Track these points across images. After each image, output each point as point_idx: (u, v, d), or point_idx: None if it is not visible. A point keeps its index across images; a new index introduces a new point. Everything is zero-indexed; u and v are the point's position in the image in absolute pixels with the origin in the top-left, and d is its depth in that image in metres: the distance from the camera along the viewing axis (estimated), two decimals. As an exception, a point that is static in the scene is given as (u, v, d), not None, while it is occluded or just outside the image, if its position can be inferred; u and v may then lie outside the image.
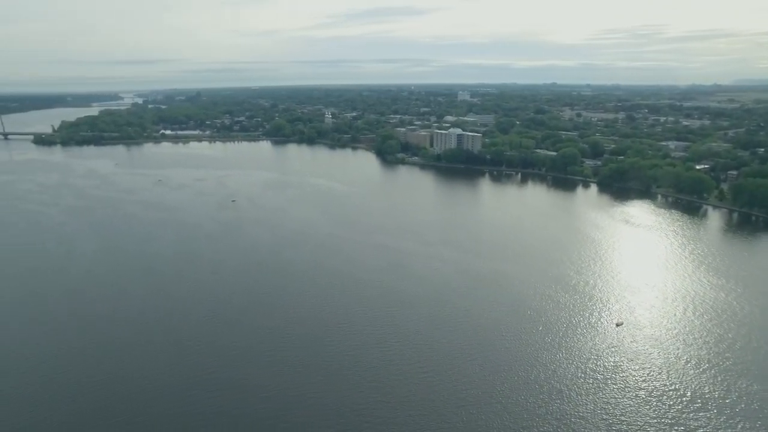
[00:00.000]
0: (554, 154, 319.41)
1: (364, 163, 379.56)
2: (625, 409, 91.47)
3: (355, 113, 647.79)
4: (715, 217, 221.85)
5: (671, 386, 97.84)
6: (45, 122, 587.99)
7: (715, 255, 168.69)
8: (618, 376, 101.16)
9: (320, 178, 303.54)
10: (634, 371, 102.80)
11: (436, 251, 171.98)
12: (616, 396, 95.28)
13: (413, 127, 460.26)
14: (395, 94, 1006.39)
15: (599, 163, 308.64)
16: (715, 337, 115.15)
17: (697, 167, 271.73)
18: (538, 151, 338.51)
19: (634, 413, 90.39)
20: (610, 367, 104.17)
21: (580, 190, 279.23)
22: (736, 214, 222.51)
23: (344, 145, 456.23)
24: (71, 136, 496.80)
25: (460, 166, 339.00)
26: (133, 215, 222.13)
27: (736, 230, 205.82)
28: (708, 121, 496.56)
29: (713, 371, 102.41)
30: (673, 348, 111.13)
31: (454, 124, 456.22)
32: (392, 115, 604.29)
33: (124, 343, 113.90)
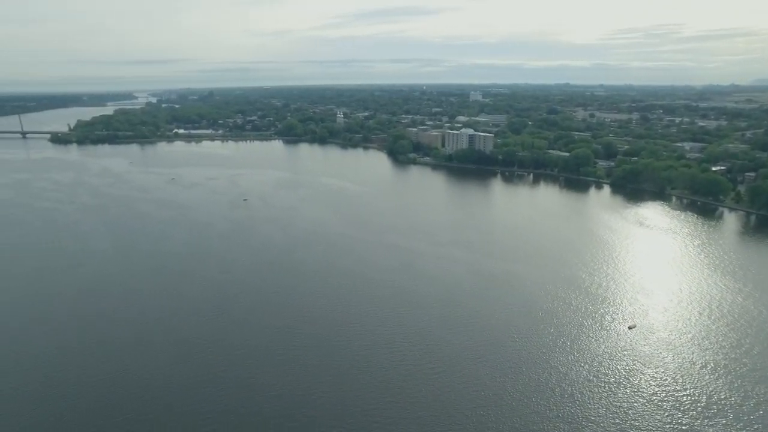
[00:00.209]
0: (567, 154, 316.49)
1: (376, 163, 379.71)
2: (638, 414, 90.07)
3: (366, 113, 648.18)
4: (732, 220, 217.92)
5: (686, 391, 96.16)
6: (61, 121, 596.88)
7: (731, 258, 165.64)
8: (631, 380, 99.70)
9: (332, 178, 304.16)
10: (647, 375, 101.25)
11: (448, 251, 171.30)
12: (629, 400, 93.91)
13: (425, 127, 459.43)
14: (407, 94, 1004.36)
15: (612, 164, 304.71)
16: (731, 342, 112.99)
17: (714, 169, 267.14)
18: (551, 151, 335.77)
19: (648, 418, 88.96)
20: (622, 371, 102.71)
21: (593, 191, 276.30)
22: (754, 217, 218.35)
23: (356, 145, 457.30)
24: (87, 135, 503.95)
25: (471, 167, 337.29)
26: (147, 214, 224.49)
27: (754, 233, 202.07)
28: (725, 122, 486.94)
29: (730, 377, 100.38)
30: (687, 352, 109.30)
31: (466, 125, 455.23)
32: (404, 115, 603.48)
33: (130, 342, 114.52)
